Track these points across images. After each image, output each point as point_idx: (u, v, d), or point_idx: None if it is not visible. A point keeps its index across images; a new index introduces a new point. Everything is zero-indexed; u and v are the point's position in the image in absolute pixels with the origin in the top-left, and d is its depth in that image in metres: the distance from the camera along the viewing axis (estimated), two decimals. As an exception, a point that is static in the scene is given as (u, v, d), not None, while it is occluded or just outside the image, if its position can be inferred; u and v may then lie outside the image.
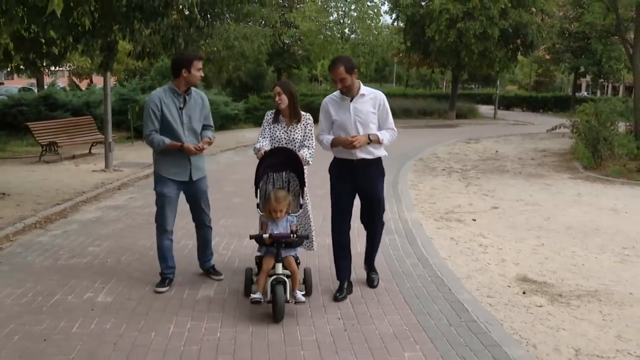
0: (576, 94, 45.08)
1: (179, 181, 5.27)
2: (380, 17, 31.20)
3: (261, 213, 5.13)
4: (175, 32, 9.98)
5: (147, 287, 5.36)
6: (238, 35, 16.48)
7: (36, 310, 4.79)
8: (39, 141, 13.44)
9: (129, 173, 11.58)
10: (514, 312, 5.02)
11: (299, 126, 5.40)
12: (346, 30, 26.85)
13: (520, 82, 65.48)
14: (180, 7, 9.80)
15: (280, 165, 5.18)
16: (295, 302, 4.73)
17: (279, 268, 4.70)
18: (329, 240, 6.57)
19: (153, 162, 5.38)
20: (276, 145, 5.30)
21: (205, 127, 5.42)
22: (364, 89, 5.07)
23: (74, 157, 13.82)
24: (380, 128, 5.09)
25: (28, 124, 14.05)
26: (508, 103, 47.14)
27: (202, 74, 5.31)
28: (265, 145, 5.30)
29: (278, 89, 5.39)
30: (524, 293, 5.48)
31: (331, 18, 27.42)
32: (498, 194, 10.44)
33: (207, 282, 5.52)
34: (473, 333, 4.49)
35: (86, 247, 6.65)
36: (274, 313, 4.60)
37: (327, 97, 5.28)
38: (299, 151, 5.28)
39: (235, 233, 7.27)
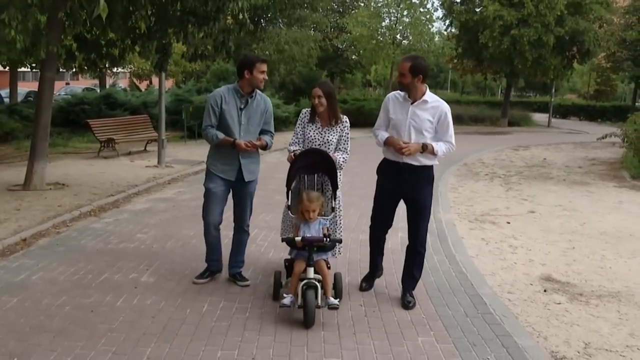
0: (638, 103, 43.76)
1: (227, 179, 5.30)
2: (433, 23, 31.26)
3: (292, 215, 5.06)
4: (226, 35, 10.49)
5: (187, 270, 5.78)
6: (289, 39, 16.98)
7: (86, 286, 5.28)
8: (98, 137, 14.23)
9: (179, 169, 12.16)
10: (532, 308, 5.21)
11: (335, 128, 5.32)
12: (398, 36, 27.06)
13: (579, 90, 63.96)
14: (232, 11, 10.29)
15: (313, 167, 5.11)
16: (328, 307, 4.62)
17: (311, 272, 4.61)
18: (362, 236, 6.91)
19: (207, 157, 5.47)
20: (309, 146, 5.27)
21: (264, 131, 5.38)
22: (429, 96, 4.90)
23: (130, 153, 14.55)
24: (438, 139, 4.92)
25: (88, 121, 14.89)
26: (565, 112, 46.18)
27: (266, 77, 5.23)
28: (300, 148, 5.29)
29: (319, 91, 5.24)
30: (544, 291, 5.65)
31: (383, 24, 27.73)
32: (537, 199, 10.50)
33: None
34: (487, 323, 4.72)
35: (135, 234, 7.17)
36: (305, 318, 4.50)
37: (392, 92, 5.15)
38: (333, 154, 5.23)
39: (274, 227, 7.64)
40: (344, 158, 5.31)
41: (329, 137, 5.30)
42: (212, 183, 5.30)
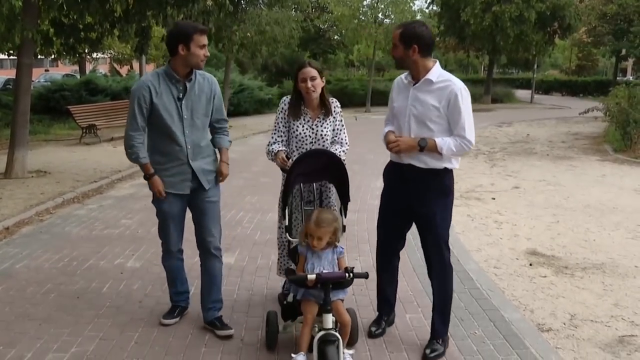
0: (619, 78, 44.04)
1: (180, 194, 4.00)
2: (415, 1, 31.11)
3: (291, 238, 3.79)
4: (205, 17, 10.38)
5: (173, 254, 5.73)
6: (270, 20, 16.85)
7: (71, 273, 5.24)
8: (79, 124, 14.09)
9: (163, 154, 12.06)
10: (518, 282, 5.25)
11: (328, 119, 4.19)
12: (379, 15, 26.94)
13: (561, 66, 64.29)
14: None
15: (317, 174, 3.88)
16: None
17: (329, 321, 3.37)
18: (348, 215, 6.91)
19: None
20: (299, 145, 4.17)
21: (217, 122, 4.06)
22: (433, 74, 3.66)
23: (112, 139, 14.41)
24: (450, 132, 3.67)
25: (69, 107, 14.71)
26: (547, 87, 46.40)
27: (207, 54, 3.81)
28: (285, 147, 4.18)
29: (313, 71, 4.02)
30: (530, 265, 5.70)
31: (365, 3, 27.57)
32: (521, 175, 10.57)
33: (227, 253, 5.71)
34: (474, 298, 4.75)
35: (119, 219, 7.12)
36: None
37: (400, 75, 3.93)
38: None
39: (260, 209, 7.63)
40: (344, 152, 4.19)
41: (323, 131, 4.16)
42: (163, 202, 3.98)
